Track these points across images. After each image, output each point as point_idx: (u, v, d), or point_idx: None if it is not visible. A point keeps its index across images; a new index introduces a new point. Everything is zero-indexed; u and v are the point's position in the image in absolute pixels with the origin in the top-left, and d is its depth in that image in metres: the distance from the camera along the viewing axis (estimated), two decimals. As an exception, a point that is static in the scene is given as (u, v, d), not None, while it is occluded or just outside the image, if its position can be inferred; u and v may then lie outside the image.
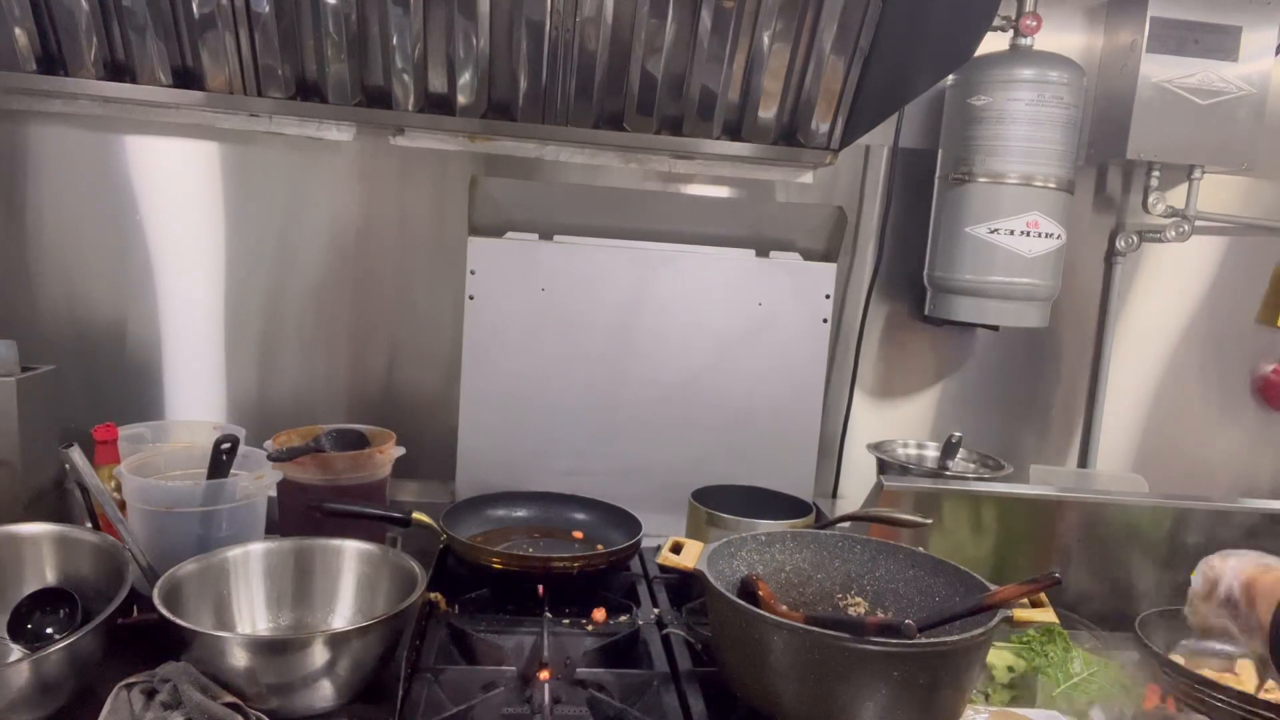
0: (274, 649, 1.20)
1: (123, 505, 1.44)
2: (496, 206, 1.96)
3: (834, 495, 2.23)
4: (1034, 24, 1.95)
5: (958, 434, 1.96)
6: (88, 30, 1.74)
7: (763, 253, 2.00)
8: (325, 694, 1.20)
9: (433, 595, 1.45)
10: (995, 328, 2.09)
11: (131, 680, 1.17)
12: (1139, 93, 1.98)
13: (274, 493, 1.60)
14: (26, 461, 1.63)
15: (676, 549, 1.31)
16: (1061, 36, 2.09)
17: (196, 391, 2.04)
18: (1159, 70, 1.97)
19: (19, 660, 1.12)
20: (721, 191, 2.12)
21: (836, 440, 2.21)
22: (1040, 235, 1.93)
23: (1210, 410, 2.33)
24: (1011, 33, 1.97)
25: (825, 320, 2.00)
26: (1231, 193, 2.20)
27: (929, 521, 1.54)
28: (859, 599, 1.38)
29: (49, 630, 1.30)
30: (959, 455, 1.99)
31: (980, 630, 1.12)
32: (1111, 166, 2.20)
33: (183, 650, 1.18)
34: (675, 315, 1.97)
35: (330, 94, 1.85)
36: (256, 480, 1.51)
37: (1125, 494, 1.73)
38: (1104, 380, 2.27)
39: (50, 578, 1.36)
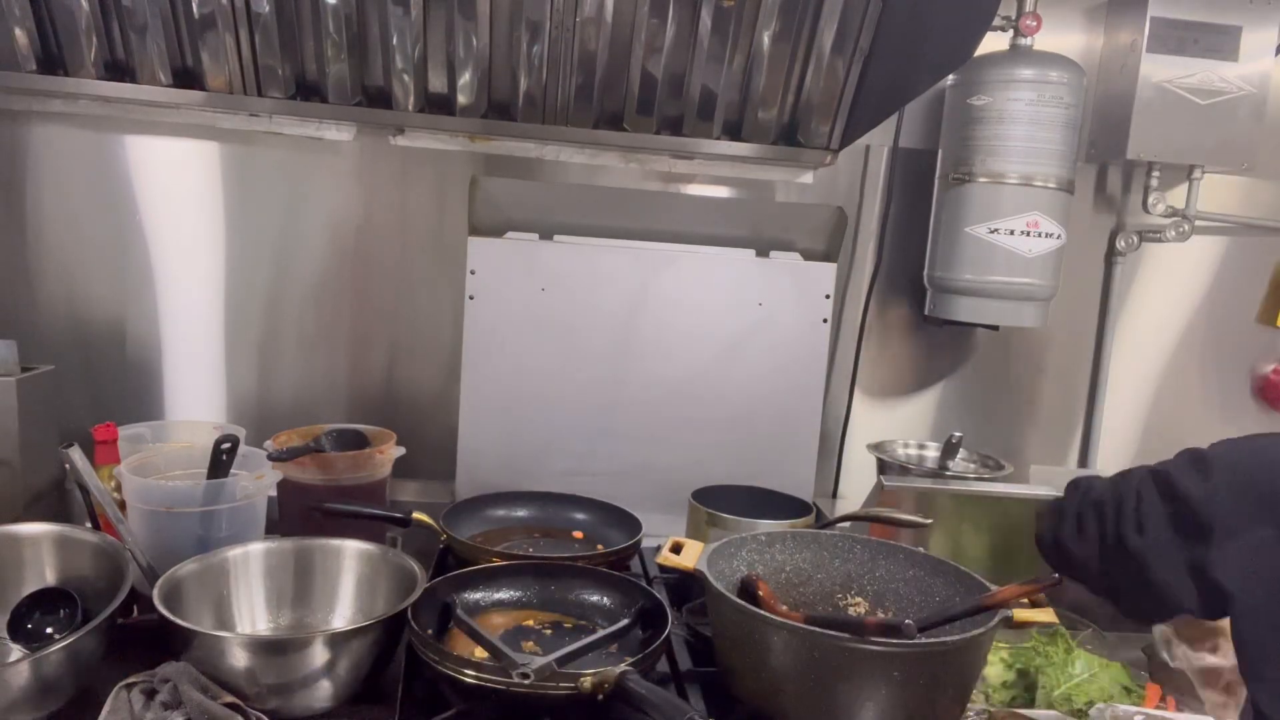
0: (274, 649, 1.20)
1: (123, 505, 1.44)
2: (496, 206, 1.96)
3: (834, 495, 2.23)
4: (1034, 24, 1.94)
5: (958, 434, 1.96)
6: (88, 30, 1.74)
7: (763, 253, 2.00)
8: (325, 694, 1.20)
9: (433, 595, 1.45)
10: (995, 328, 2.09)
11: (131, 680, 1.17)
12: (1139, 93, 1.98)
13: (274, 493, 1.60)
14: (26, 461, 1.63)
15: (676, 549, 1.31)
16: (1061, 36, 2.09)
17: (196, 391, 2.04)
18: (1159, 70, 1.97)
19: (19, 660, 1.12)
20: (721, 191, 2.12)
21: (836, 440, 2.21)
22: (1040, 235, 1.93)
23: (1210, 410, 2.32)
24: (1011, 33, 1.97)
25: (825, 320, 2.00)
26: (1231, 193, 2.20)
27: (929, 521, 1.54)
28: (859, 599, 1.38)
29: (49, 630, 1.30)
30: (959, 455, 1.99)
31: (980, 630, 1.12)
32: (1111, 166, 2.20)
33: (183, 650, 1.18)
34: (675, 315, 1.97)
35: (330, 94, 1.85)
36: (256, 480, 1.51)
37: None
38: (1104, 380, 2.27)
39: (50, 578, 1.36)
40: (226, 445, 1.48)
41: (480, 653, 1.20)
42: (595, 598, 1.41)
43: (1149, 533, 1.09)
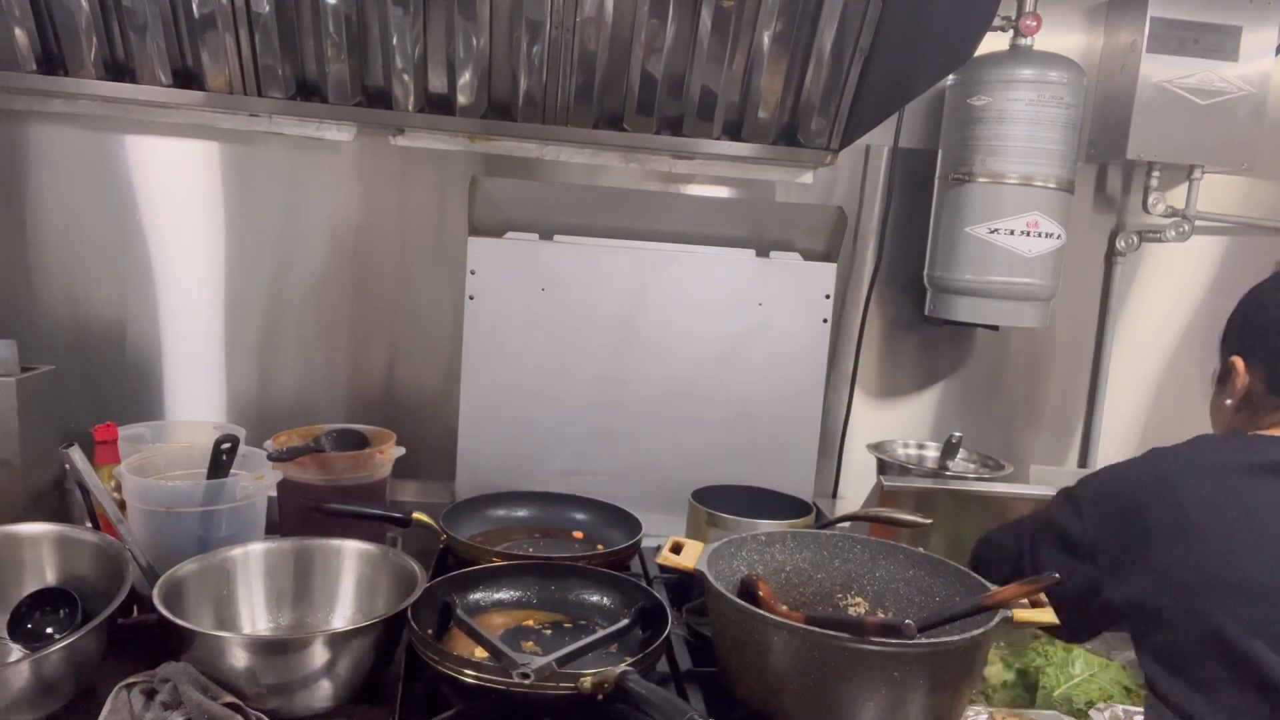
0: (274, 649, 1.20)
1: (123, 505, 1.44)
2: (496, 206, 1.96)
3: (834, 495, 2.23)
4: (1034, 24, 1.94)
5: (958, 434, 1.96)
6: (88, 30, 1.74)
7: (763, 253, 2.00)
8: (325, 694, 1.20)
9: (433, 595, 1.45)
10: (995, 328, 2.09)
11: (131, 680, 1.17)
12: (1139, 93, 1.98)
13: (274, 493, 1.60)
14: (26, 461, 1.63)
15: (676, 549, 1.31)
16: (1061, 36, 2.09)
17: (196, 391, 2.04)
18: (1159, 70, 1.98)
19: (19, 660, 1.12)
20: (721, 191, 2.12)
21: (836, 440, 2.21)
22: (1040, 235, 1.93)
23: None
24: (1011, 33, 1.97)
25: (825, 320, 2.00)
26: (1231, 193, 2.20)
27: (929, 521, 1.53)
28: (859, 599, 1.38)
29: (49, 630, 1.30)
30: (959, 455, 1.99)
31: (980, 630, 1.12)
32: (1111, 166, 2.20)
33: (183, 650, 1.18)
34: (675, 315, 1.97)
35: (330, 94, 1.85)
36: (256, 480, 1.51)
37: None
38: (1104, 380, 2.27)
39: (50, 578, 1.36)
40: (226, 445, 1.48)
41: (480, 653, 1.20)
42: (595, 598, 1.41)
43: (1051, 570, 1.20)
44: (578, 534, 1.75)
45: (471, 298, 1.92)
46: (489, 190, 1.95)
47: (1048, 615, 1.19)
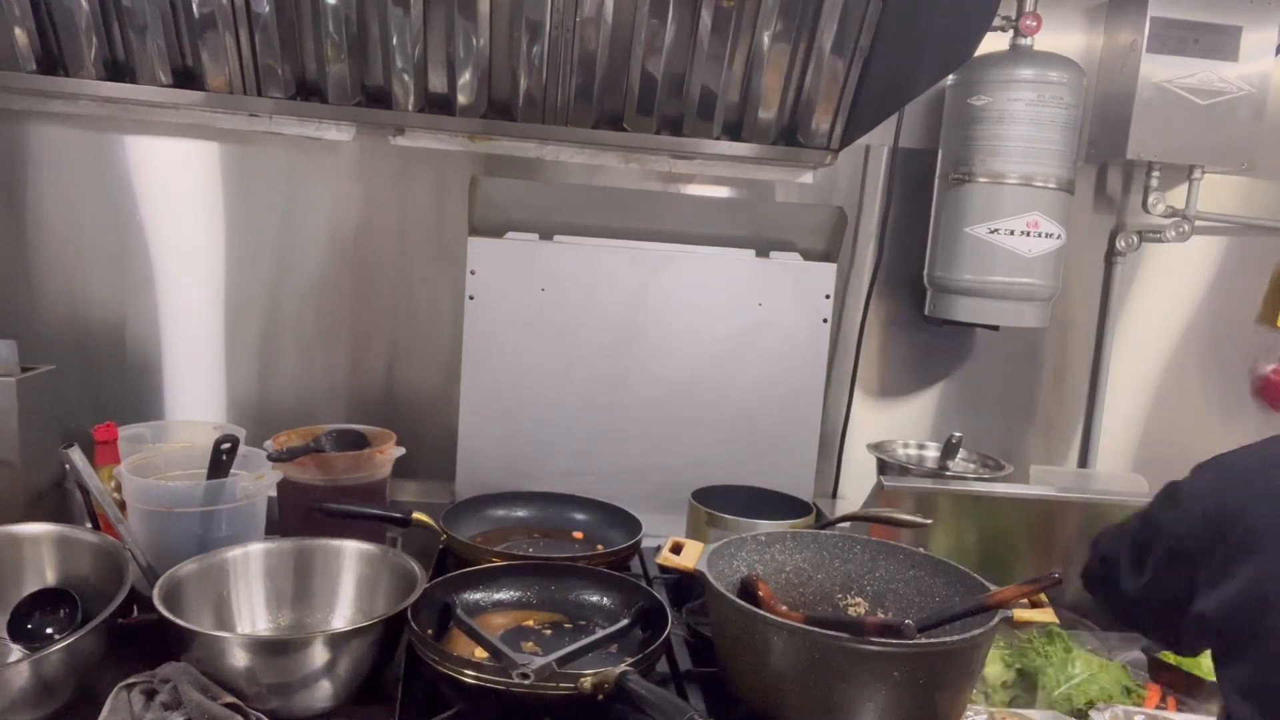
0: (274, 649, 1.20)
1: (123, 505, 1.44)
2: (496, 206, 1.96)
3: (834, 495, 2.23)
4: (1034, 24, 1.94)
5: (958, 434, 1.96)
6: (88, 30, 1.74)
7: (763, 253, 2.00)
8: (325, 694, 1.20)
9: (433, 595, 1.45)
10: (995, 328, 2.09)
11: (131, 680, 1.17)
12: (1139, 93, 1.98)
13: (274, 493, 1.60)
14: (26, 461, 1.63)
15: (676, 549, 1.31)
16: (1061, 36, 2.09)
17: (196, 391, 2.04)
18: (1159, 70, 1.97)
19: (19, 660, 1.12)
20: (721, 191, 2.12)
21: (836, 440, 2.21)
22: (1040, 235, 1.93)
23: (1210, 410, 2.32)
24: (1011, 33, 1.97)
25: (825, 320, 2.00)
26: (1231, 193, 2.20)
27: (929, 522, 1.54)
28: (859, 599, 1.38)
29: (49, 630, 1.30)
30: (959, 455, 1.99)
31: (980, 630, 1.12)
32: (1111, 166, 2.20)
33: (183, 650, 1.18)
34: (675, 315, 1.97)
35: (330, 94, 1.85)
36: (256, 480, 1.51)
37: (1125, 494, 1.73)
38: (1104, 380, 2.26)
39: (50, 578, 1.36)
40: (226, 445, 1.48)
41: (480, 653, 1.20)
42: (595, 598, 1.41)
43: (1144, 575, 1.13)
44: (578, 534, 1.76)
45: (471, 298, 1.92)
46: (489, 190, 1.95)
47: (1048, 615, 1.19)
